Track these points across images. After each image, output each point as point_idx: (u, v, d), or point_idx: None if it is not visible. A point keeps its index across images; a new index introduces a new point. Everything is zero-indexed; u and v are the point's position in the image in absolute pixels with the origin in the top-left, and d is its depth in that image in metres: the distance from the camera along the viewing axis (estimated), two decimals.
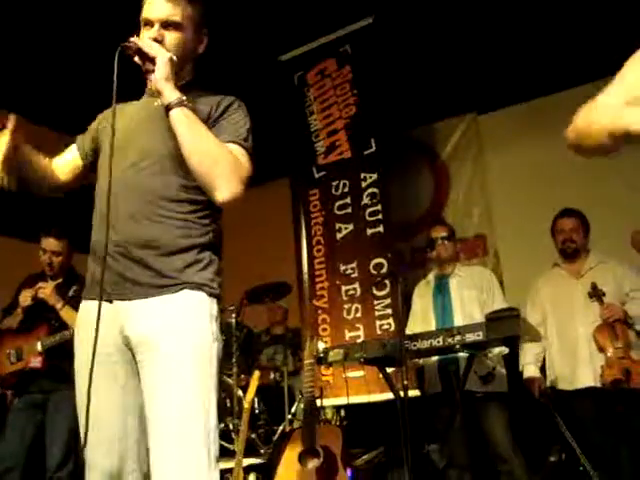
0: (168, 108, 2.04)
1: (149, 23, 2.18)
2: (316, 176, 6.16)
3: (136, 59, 2.10)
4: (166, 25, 2.17)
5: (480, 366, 4.12)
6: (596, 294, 4.08)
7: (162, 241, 2.04)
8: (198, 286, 2.04)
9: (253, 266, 7.05)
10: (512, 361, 4.39)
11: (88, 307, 2.10)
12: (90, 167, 2.35)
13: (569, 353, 4.20)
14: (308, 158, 6.23)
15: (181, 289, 2.01)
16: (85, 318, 2.09)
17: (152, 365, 1.97)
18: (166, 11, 2.16)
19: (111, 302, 2.05)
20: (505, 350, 4.13)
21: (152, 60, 2.07)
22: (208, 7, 2.32)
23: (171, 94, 2.04)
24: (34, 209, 4.38)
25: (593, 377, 4.03)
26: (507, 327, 3.53)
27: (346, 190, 5.96)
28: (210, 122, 2.14)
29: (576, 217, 4.37)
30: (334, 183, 6.03)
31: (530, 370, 4.33)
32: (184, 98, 2.04)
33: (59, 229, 4.50)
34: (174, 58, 2.11)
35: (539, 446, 4.73)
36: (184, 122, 2.03)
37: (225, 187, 2.01)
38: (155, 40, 2.13)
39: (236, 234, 7.71)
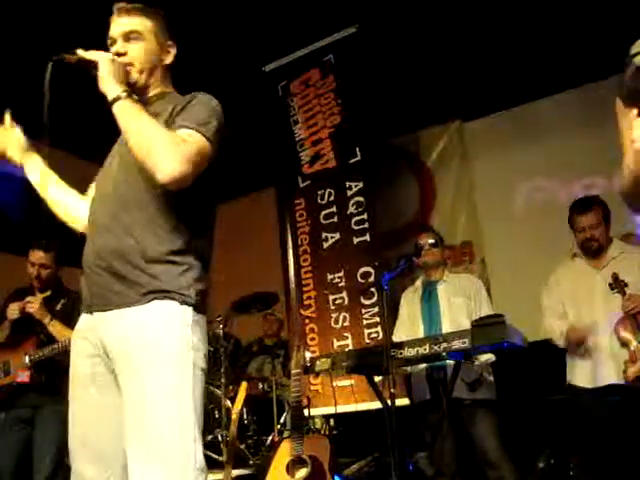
0: (110, 104, 2.05)
1: (113, 41, 2.24)
2: (301, 185, 6.18)
3: (92, 72, 2.12)
4: (127, 38, 2.23)
5: (467, 373, 4.12)
6: (618, 285, 3.82)
7: (134, 251, 2.03)
8: (169, 295, 2.01)
9: (240, 276, 7.05)
10: (499, 367, 4.39)
11: (80, 320, 2.15)
12: None
13: (589, 348, 3.96)
14: (293, 168, 6.25)
15: (152, 299, 2.00)
16: (79, 332, 2.13)
17: (126, 378, 1.97)
18: (126, 26, 2.24)
19: (92, 313, 2.07)
20: (492, 357, 4.13)
21: (96, 65, 2.09)
22: (192, 18, 2.35)
23: (112, 90, 2.05)
24: (22, 222, 4.37)
25: (616, 373, 3.76)
26: (493, 334, 3.53)
27: (332, 199, 5.97)
28: (172, 117, 2.14)
29: (596, 210, 4.08)
30: (319, 192, 6.05)
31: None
32: (124, 91, 2.06)
33: (47, 242, 4.49)
34: (115, 58, 2.13)
35: (528, 451, 4.74)
36: (122, 112, 2.03)
37: (164, 167, 1.95)
38: (117, 53, 2.18)
39: (223, 244, 7.68)
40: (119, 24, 2.25)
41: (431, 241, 4.53)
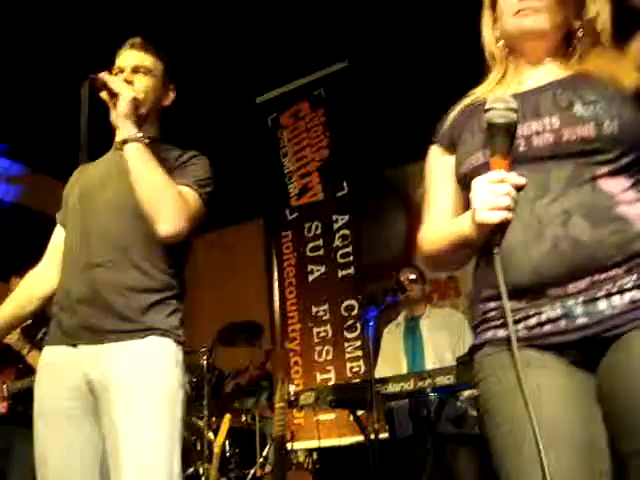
0: (124, 142, 2.07)
1: (120, 71, 2.27)
2: (289, 218, 6.20)
3: (104, 94, 2.13)
4: (136, 70, 2.28)
5: (451, 409, 4.11)
6: None
7: (128, 288, 2.07)
8: (165, 332, 2.06)
9: (225, 307, 7.01)
10: None
11: (52, 353, 2.12)
12: None
13: None
14: (281, 200, 6.27)
15: (148, 335, 2.04)
16: (50, 365, 2.10)
17: (117, 411, 1.97)
18: (139, 60, 2.29)
19: (75, 346, 2.07)
20: (476, 393, 4.13)
21: (116, 96, 2.10)
22: (184, 49, 2.39)
23: (129, 129, 2.07)
24: (2, 249, 4.35)
25: None
26: None
27: (318, 232, 5.99)
28: (172, 170, 2.17)
29: None
30: (307, 225, 6.07)
31: None
32: (141, 135, 2.08)
33: (29, 270, 4.45)
34: (138, 97, 2.15)
35: None
36: (137, 155, 2.05)
37: (167, 221, 2.01)
38: (125, 81, 2.20)
39: (209, 275, 7.69)
40: (133, 56, 2.30)
41: (412, 277, 4.54)
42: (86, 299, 2.07)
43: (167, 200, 2.02)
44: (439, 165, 1.70)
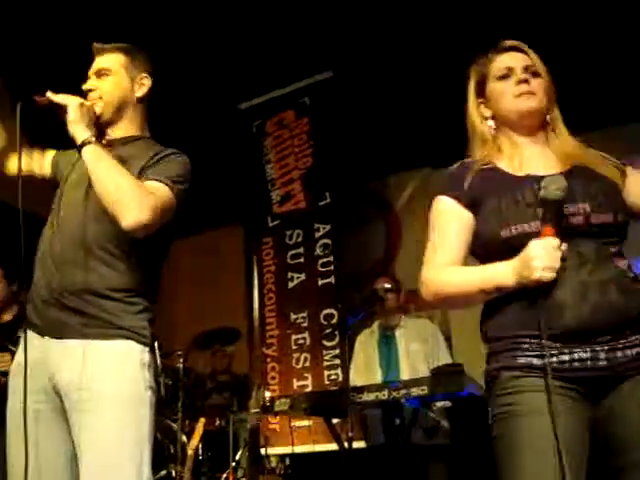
0: (80, 147, 2.09)
1: (87, 78, 2.34)
2: (270, 225, 6.22)
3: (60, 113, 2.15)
4: (99, 75, 2.32)
5: (424, 419, 4.16)
6: None
7: (96, 288, 2.08)
8: (130, 334, 2.08)
9: (204, 311, 7.03)
10: (455, 414, 4.43)
11: (22, 352, 2.10)
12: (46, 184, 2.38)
13: None
14: (263, 206, 6.30)
15: (113, 336, 2.06)
16: (20, 365, 2.08)
17: (83, 413, 1.99)
18: (97, 64, 2.34)
19: (42, 337, 2.09)
20: (448, 404, 4.18)
21: (65, 109, 2.13)
22: (172, 54, 2.41)
23: (81, 134, 2.10)
24: None
25: None
26: (451, 382, 3.60)
27: (299, 240, 6.02)
28: (147, 166, 2.19)
29: None
30: (288, 232, 6.09)
31: None
32: (92, 136, 2.10)
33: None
34: (84, 102, 2.18)
35: None
36: (91, 157, 2.07)
37: (130, 214, 2.00)
38: (88, 90, 2.27)
39: (189, 278, 7.70)
40: (94, 63, 2.35)
41: (387, 286, 4.59)
42: (53, 297, 2.09)
43: (127, 194, 2.02)
44: (455, 216, 1.97)
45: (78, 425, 1.99)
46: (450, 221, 1.97)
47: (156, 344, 2.16)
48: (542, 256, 1.70)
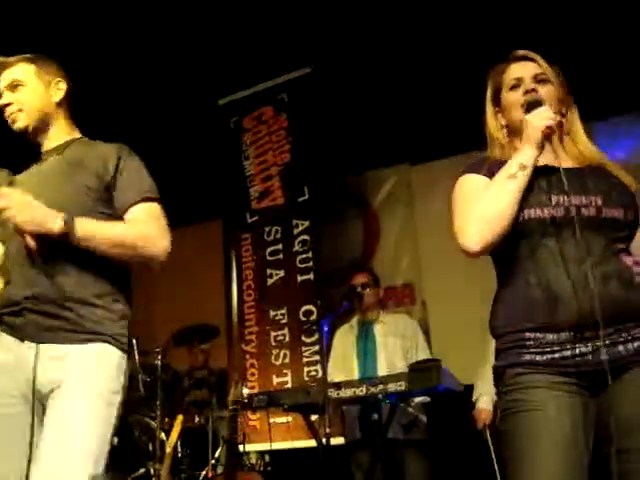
0: (64, 237, 2.01)
1: (1, 94, 2.32)
2: (249, 221, 6.22)
3: None
4: (12, 87, 2.30)
5: (402, 415, 4.17)
6: None
7: (74, 293, 2.08)
8: (109, 339, 2.09)
9: (182, 308, 7.00)
10: (433, 408, 4.45)
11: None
12: None
13: None
14: (241, 202, 6.29)
15: (92, 340, 2.06)
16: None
17: (57, 397, 2.00)
18: (6, 79, 2.32)
19: (22, 341, 2.07)
20: (427, 398, 4.20)
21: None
22: (150, 49, 2.38)
23: (54, 223, 2.00)
24: None
25: None
26: (429, 378, 3.60)
27: (278, 236, 6.02)
28: (106, 182, 2.18)
29: None
30: (266, 229, 6.10)
31: (483, 401, 4.29)
32: (65, 218, 2.01)
33: None
34: (27, 201, 2.03)
35: None
36: (86, 236, 2.05)
37: (155, 255, 2.12)
38: (5, 105, 2.28)
39: (165, 274, 7.64)
40: (2, 79, 2.32)
41: (364, 281, 4.60)
42: (30, 303, 2.07)
43: (139, 238, 2.10)
44: (481, 180, 2.02)
45: (50, 407, 2.01)
46: (477, 184, 2.02)
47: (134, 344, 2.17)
48: (536, 115, 1.89)
